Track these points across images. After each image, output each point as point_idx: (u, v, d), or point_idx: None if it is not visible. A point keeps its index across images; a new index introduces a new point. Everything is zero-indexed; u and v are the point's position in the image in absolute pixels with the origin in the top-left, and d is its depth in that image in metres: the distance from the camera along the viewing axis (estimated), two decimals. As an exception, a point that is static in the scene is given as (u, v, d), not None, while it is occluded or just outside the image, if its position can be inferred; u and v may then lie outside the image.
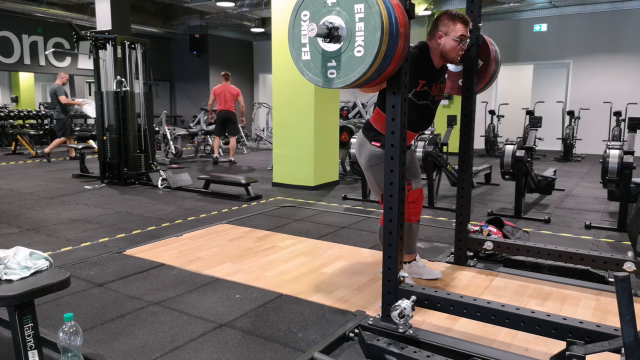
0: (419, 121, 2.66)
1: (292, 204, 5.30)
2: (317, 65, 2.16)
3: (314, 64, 2.17)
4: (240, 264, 3.26)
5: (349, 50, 2.06)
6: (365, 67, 2.02)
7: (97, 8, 7.12)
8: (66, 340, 1.78)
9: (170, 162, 8.70)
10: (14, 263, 1.79)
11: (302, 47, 2.20)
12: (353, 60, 2.05)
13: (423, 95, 2.59)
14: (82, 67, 13.39)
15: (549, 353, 1.96)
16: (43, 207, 5.13)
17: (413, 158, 2.94)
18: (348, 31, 2.05)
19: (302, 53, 2.21)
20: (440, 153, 5.48)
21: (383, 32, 1.96)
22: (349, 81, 2.07)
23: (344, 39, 2.06)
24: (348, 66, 2.07)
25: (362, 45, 2.02)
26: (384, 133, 2.40)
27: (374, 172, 2.69)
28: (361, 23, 2.02)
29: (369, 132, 2.70)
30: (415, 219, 2.85)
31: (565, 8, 10.64)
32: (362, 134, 2.74)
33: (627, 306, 1.42)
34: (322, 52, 2.13)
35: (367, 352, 2.08)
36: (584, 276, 2.96)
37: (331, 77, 2.13)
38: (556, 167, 7.50)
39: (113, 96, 6.38)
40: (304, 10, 2.18)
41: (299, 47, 2.21)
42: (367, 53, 2.01)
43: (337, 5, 2.07)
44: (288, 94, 6.19)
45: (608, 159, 4.19)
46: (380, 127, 2.62)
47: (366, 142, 2.70)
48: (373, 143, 2.65)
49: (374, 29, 1.98)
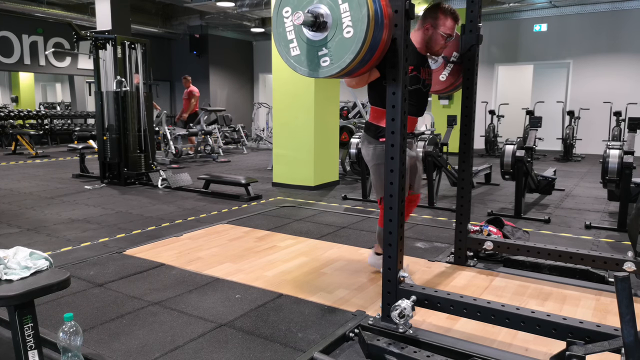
0: (414, 108, 2.69)
1: (292, 204, 5.30)
2: (309, 57, 2.17)
3: (305, 57, 2.18)
4: (240, 264, 3.26)
5: (338, 34, 2.07)
6: (357, 45, 2.03)
7: (97, 8, 7.12)
8: (66, 340, 1.78)
9: (170, 162, 8.71)
10: (14, 263, 1.79)
11: (290, 43, 2.21)
12: (344, 42, 2.06)
13: (414, 80, 2.64)
14: (82, 67, 13.39)
15: (549, 353, 1.96)
16: (43, 207, 5.13)
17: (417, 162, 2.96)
18: (333, 16, 2.07)
19: (290, 49, 2.22)
20: (440, 153, 5.48)
21: (368, 6, 1.98)
22: (344, 64, 2.08)
23: (330, 25, 2.08)
24: (340, 49, 2.08)
25: (351, 25, 2.04)
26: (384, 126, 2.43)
27: (381, 170, 2.65)
28: (345, 4, 2.04)
29: (373, 131, 2.72)
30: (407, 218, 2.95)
31: (565, 8, 10.64)
32: (365, 135, 2.76)
33: (627, 306, 1.42)
34: (311, 43, 2.14)
35: (367, 352, 2.08)
36: (584, 276, 2.96)
37: (324, 65, 2.14)
38: (556, 167, 7.50)
39: (113, 96, 6.38)
40: (284, 7, 2.20)
41: (287, 44, 2.23)
42: (357, 31, 2.02)
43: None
44: (288, 94, 6.19)
45: (608, 159, 4.19)
46: (379, 122, 2.65)
47: (372, 141, 2.72)
48: (381, 140, 2.64)
49: (359, 6, 2.00)
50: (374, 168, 2.75)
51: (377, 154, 2.69)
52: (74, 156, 9.51)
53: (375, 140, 2.71)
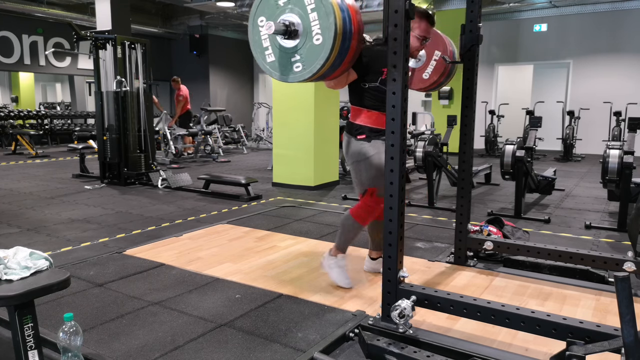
0: None
1: (292, 204, 5.30)
2: (283, 63, 2.33)
3: (279, 63, 2.34)
4: (240, 264, 3.26)
5: (309, 41, 2.22)
6: (326, 52, 2.19)
7: (97, 8, 7.12)
8: (66, 340, 1.78)
9: (170, 162, 8.71)
10: (14, 263, 1.78)
11: (265, 50, 2.38)
12: (314, 49, 2.22)
13: None
14: (82, 67, 13.38)
15: (549, 353, 1.96)
16: (43, 207, 5.13)
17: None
18: (304, 24, 2.23)
19: (266, 56, 2.38)
20: (440, 153, 5.48)
21: (335, 15, 2.13)
22: (315, 69, 2.23)
23: (302, 33, 2.24)
24: (311, 56, 2.24)
25: (320, 33, 2.19)
26: (364, 124, 2.66)
27: (359, 167, 2.74)
28: (314, 13, 2.19)
29: (352, 129, 2.77)
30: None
31: (565, 8, 10.64)
32: (346, 133, 2.82)
33: (627, 306, 1.42)
34: (284, 50, 2.30)
35: (367, 352, 2.08)
36: (584, 276, 2.96)
37: (297, 71, 2.30)
38: (556, 167, 7.50)
39: (113, 96, 6.38)
40: (259, 16, 2.36)
41: (262, 51, 2.39)
42: (325, 38, 2.18)
43: (289, 3, 2.26)
44: (288, 94, 6.19)
45: (608, 159, 4.19)
46: (360, 121, 2.73)
47: (351, 139, 2.76)
48: (358, 137, 2.72)
49: (326, 15, 2.16)
50: (353, 166, 2.79)
51: (356, 151, 2.74)
52: (74, 156, 9.51)
53: (354, 138, 2.75)
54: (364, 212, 2.78)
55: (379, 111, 2.67)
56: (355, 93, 2.72)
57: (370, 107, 2.69)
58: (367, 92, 2.67)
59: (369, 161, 2.69)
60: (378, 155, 2.65)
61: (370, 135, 2.69)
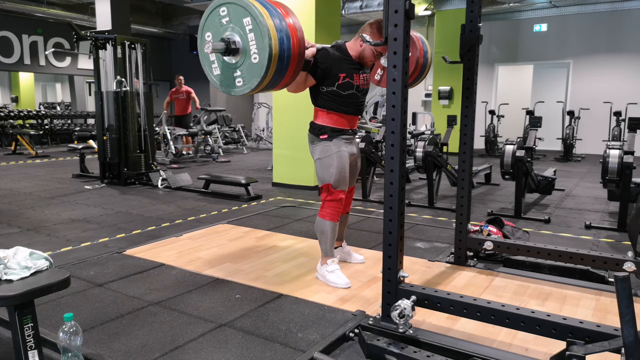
0: (352, 108, 2.91)
1: (292, 204, 5.30)
2: (226, 76, 2.51)
3: (224, 77, 2.52)
4: (240, 264, 3.26)
5: (247, 59, 2.40)
6: (262, 70, 2.36)
7: (97, 8, 7.12)
8: (66, 340, 1.78)
9: (170, 162, 8.71)
10: (14, 263, 1.79)
11: (212, 63, 2.56)
12: (252, 66, 2.40)
13: (347, 86, 2.84)
14: (82, 67, 13.39)
15: (549, 353, 1.96)
16: (43, 207, 5.13)
17: (357, 160, 3.12)
18: (243, 44, 2.40)
19: (213, 69, 2.56)
20: (440, 153, 5.48)
21: (270, 37, 2.30)
22: (253, 86, 2.42)
23: (242, 51, 2.42)
24: (250, 73, 2.42)
25: (257, 52, 2.36)
26: (326, 125, 2.85)
27: (321, 164, 2.90)
28: (252, 34, 2.36)
29: (315, 130, 2.92)
30: (346, 211, 3.18)
31: (565, 8, 10.63)
32: (309, 134, 2.96)
33: (627, 306, 1.42)
34: (227, 65, 2.50)
35: (367, 352, 2.08)
36: (584, 276, 2.96)
37: (239, 85, 2.49)
38: (556, 167, 7.50)
39: (113, 96, 6.38)
40: (206, 31, 2.53)
41: (210, 64, 2.57)
42: (261, 58, 2.35)
43: (230, 22, 2.42)
44: (288, 94, 6.13)
45: (608, 159, 4.19)
46: (321, 121, 2.90)
47: (315, 139, 2.92)
48: (321, 137, 2.88)
49: (261, 37, 2.32)
50: (317, 163, 2.93)
51: (319, 149, 2.90)
52: (74, 156, 9.51)
53: (316, 138, 2.91)
54: (329, 209, 2.92)
55: (339, 112, 2.86)
56: (315, 96, 2.91)
57: (330, 108, 2.86)
58: (325, 96, 2.86)
59: (330, 159, 2.85)
60: (339, 153, 2.86)
61: (332, 135, 2.88)
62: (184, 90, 9.75)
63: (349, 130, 2.93)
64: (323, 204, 2.94)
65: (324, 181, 2.89)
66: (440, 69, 10.43)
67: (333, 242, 2.97)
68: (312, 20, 5.78)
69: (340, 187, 2.88)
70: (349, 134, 2.94)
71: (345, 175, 2.89)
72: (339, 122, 2.88)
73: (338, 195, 2.89)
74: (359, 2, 10.81)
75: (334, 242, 2.98)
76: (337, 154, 2.85)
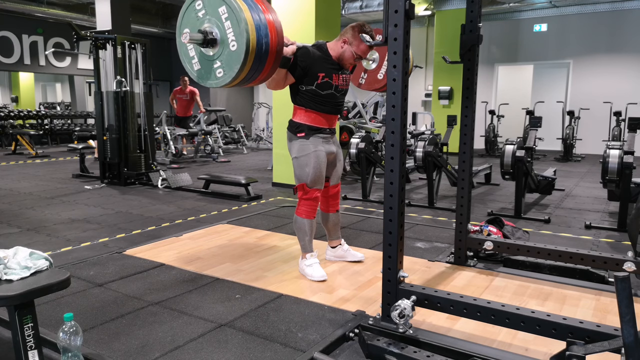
0: (330, 108, 2.95)
1: (292, 204, 5.30)
2: (207, 69, 2.54)
3: (205, 70, 2.55)
4: (240, 264, 3.26)
5: (226, 48, 2.43)
6: (241, 57, 2.38)
7: (97, 8, 7.12)
8: (66, 340, 1.78)
9: (170, 162, 8.71)
10: (14, 263, 1.79)
11: (192, 59, 2.60)
12: (231, 55, 2.43)
13: (325, 85, 2.88)
14: (82, 67, 13.38)
15: (549, 353, 1.96)
16: (43, 207, 5.13)
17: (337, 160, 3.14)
18: (220, 33, 2.43)
19: (193, 65, 2.60)
20: (440, 153, 5.48)
21: (246, 21, 2.33)
22: (234, 74, 2.44)
23: (219, 41, 2.44)
24: (229, 62, 2.45)
25: (234, 39, 2.38)
26: (303, 122, 2.90)
27: (298, 163, 2.94)
28: (228, 22, 2.38)
29: (293, 127, 2.96)
30: (334, 210, 3.22)
31: (565, 8, 10.64)
32: (288, 131, 3.01)
33: (627, 306, 1.42)
34: (207, 58, 2.52)
35: (367, 352, 2.08)
36: (584, 276, 2.96)
37: (220, 76, 2.51)
38: (556, 167, 7.50)
39: (113, 96, 6.38)
40: (184, 28, 2.56)
41: (190, 60, 2.60)
42: (239, 44, 2.37)
43: (207, 14, 2.46)
44: (288, 93, 6.16)
45: (608, 159, 4.19)
46: (299, 119, 2.95)
47: (292, 137, 2.96)
48: (298, 135, 2.92)
49: (237, 22, 2.35)
50: (294, 161, 2.97)
51: (297, 148, 2.95)
52: (74, 156, 9.51)
53: (294, 135, 2.95)
54: (305, 207, 2.97)
55: (317, 111, 2.90)
56: (294, 94, 2.97)
57: (308, 107, 2.90)
58: (304, 94, 2.89)
59: (307, 158, 2.89)
60: (315, 153, 2.90)
61: (309, 133, 2.91)
62: (188, 91, 9.61)
63: (327, 129, 2.97)
64: (299, 202, 2.99)
65: (300, 180, 2.94)
66: (440, 69, 10.44)
67: (311, 238, 3.03)
68: (312, 20, 5.78)
69: (316, 186, 2.94)
70: (327, 132, 2.98)
71: (322, 175, 2.94)
72: (317, 121, 2.92)
73: (314, 194, 2.95)
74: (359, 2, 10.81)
75: (312, 238, 3.04)
76: (314, 153, 2.90)
